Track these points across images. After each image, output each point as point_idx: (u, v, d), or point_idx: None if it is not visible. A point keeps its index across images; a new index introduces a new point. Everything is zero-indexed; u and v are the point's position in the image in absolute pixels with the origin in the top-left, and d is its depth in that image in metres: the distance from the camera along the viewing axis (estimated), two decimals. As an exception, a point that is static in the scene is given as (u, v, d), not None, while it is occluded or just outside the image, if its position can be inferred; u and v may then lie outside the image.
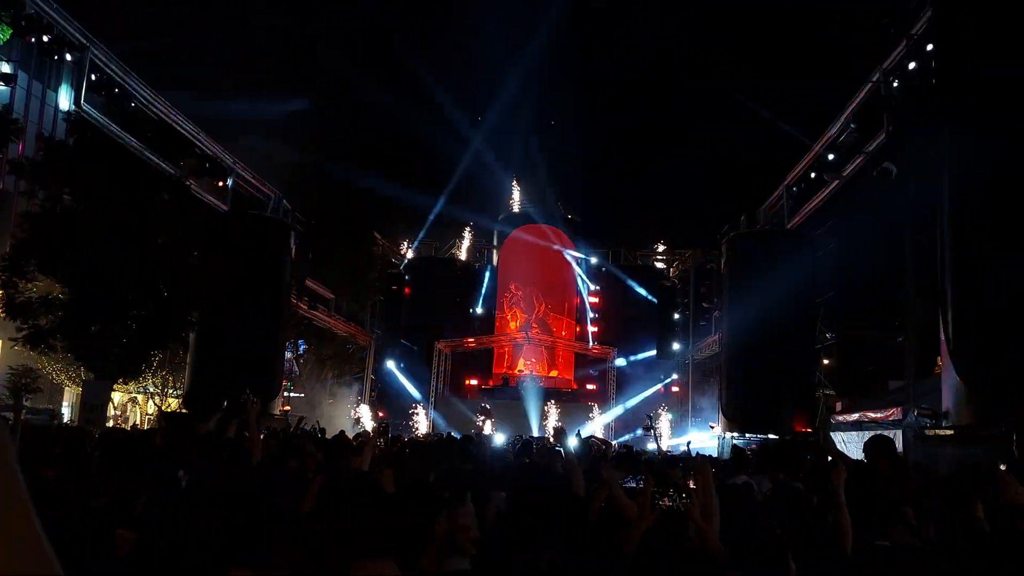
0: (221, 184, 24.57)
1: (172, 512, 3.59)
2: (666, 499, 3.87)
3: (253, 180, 26.31)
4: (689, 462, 9.68)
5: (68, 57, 18.49)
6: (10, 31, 17.51)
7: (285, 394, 26.92)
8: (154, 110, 21.13)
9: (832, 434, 20.79)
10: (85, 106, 18.80)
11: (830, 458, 7.58)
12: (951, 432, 12.77)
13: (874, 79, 18.39)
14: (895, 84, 17.45)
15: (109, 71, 19.51)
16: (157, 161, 20.94)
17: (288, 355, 28.52)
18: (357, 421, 29.02)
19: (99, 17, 19.95)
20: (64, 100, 18.91)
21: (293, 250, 24.73)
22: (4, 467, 0.66)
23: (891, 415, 16.75)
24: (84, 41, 18.68)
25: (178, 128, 21.93)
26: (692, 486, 4.21)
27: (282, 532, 3.23)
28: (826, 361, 25.35)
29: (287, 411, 25.15)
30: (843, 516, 3.82)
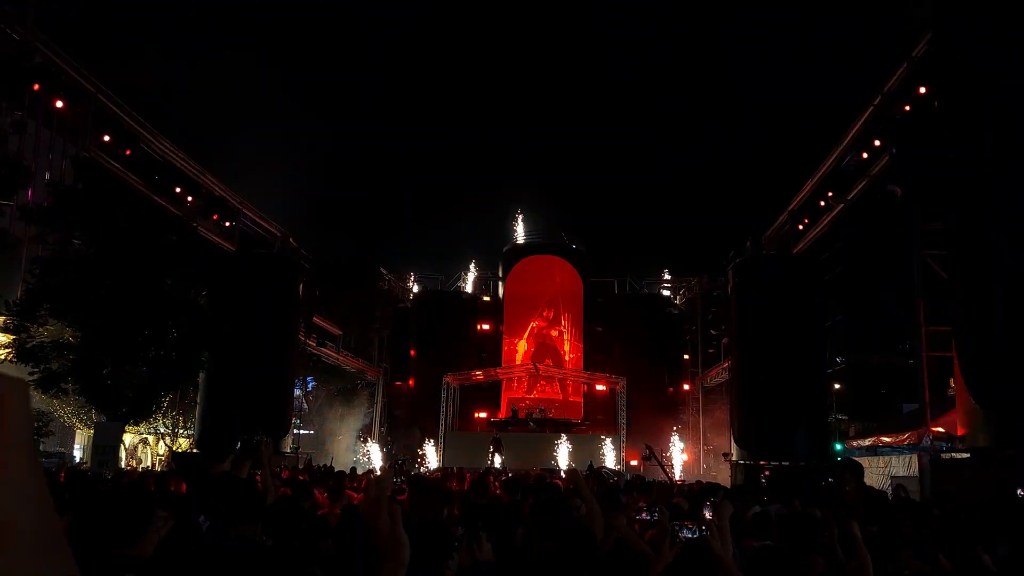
0: (228, 224, 24.71)
1: (191, 557, 3.57)
2: (685, 531, 3.83)
3: (259, 219, 26.46)
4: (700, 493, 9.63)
5: (75, 103, 18.72)
6: None
7: (295, 432, 26.84)
8: (160, 153, 21.34)
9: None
10: (93, 150, 19.00)
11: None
12: (968, 455, 12.66)
13: (876, 102, 18.49)
14: (897, 107, 17.53)
15: (116, 115, 19.74)
16: (164, 204, 21.12)
17: (297, 392, 28.48)
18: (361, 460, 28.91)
19: (106, 63, 20.19)
20: (71, 146, 19.11)
21: (300, 288, 24.83)
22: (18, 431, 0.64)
23: (906, 439, 16.63)
24: (90, 87, 18.91)
25: (184, 170, 22.11)
26: (708, 517, 4.18)
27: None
28: (837, 386, 25.22)
29: (297, 449, 25.06)
30: (861, 551, 3.80)
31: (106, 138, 19.36)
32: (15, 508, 0.62)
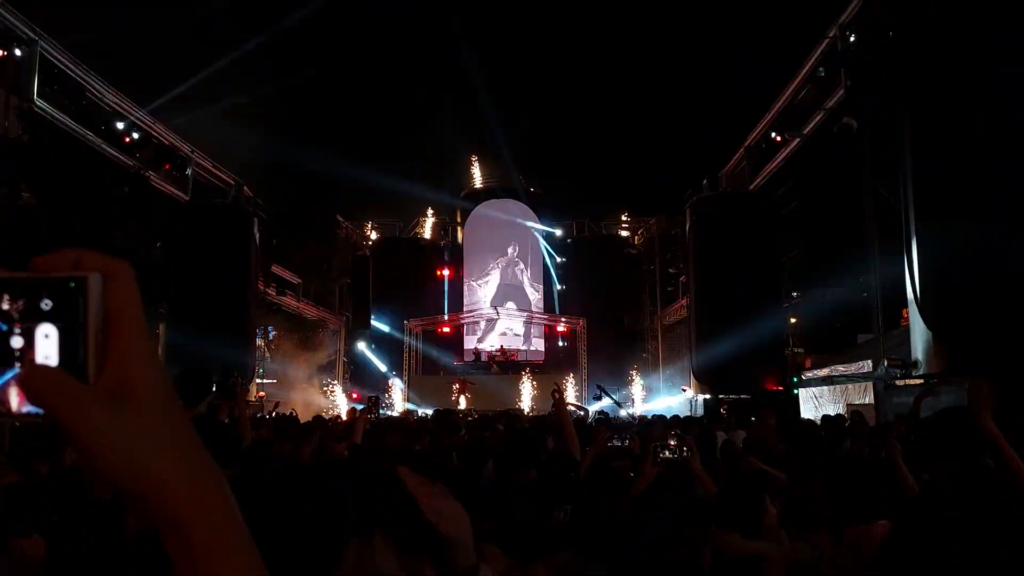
0: (180, 174, 24.20)
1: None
2: (667, 451, 3.98)
3: (213, 169, 25.96)
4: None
5: (17, 52, 18.02)
6: None
7: (258, 380, 26.78)
8: (108, 102, 20.71)
9: (804, 390, 21.22)
10: (38, 101, 18.37)
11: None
12: (921, 381, 13.09)
13: (831, 35, 18.54)
14: (852, 39, 17.57)
15: (60, 64, 19.06)
16: (114, 154, 20.59)
17: (259, 341, 28.34)
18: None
19: (47, 11, 19.39)
20: (15, 97, 18.46)
21: (257, 237, 24.59)
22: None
23: (861, 368, 17.13)
24: (32, 35, 18.22)
25: (133, 119, 21.53)
26: (672, 443, 4.32)
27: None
28: (793, 320, 25.79)
29: (262, 396, 25.03)
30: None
31: (52, 87, 18.71)
32: (152, 369, 0.68)
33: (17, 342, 0.65)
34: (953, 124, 12.30)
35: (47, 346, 0.65)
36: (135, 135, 21.53)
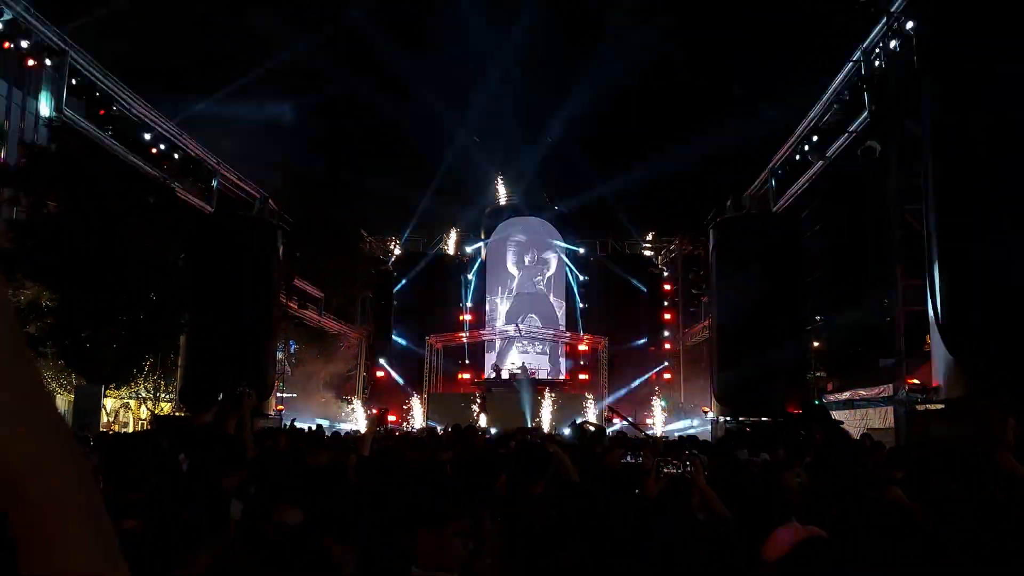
0: (206, 186, 24.49)
1: (176, 496, 3.62)
2: (671, 467, 3.95)
3: (238, 181, 26.24)
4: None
5: (48, 62, 18.37)
6: None
7: (278, 394, 26.89)
8: (136, 113, 21.04)
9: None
10: (67, 111, 18.69)
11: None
12: (942, 407, 12.90)
13: (855, 59, 18.47)
14: (876, 63, 17.50)
15: (90, 75, 19.40)
16: (141, 164, 20.89)
17: (280, 355, 28.49)
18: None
19: (78, 22, 19.77)
20: (45, 106, 18.81)
21: (280, 250, 24.72)
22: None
23: (881, 392, 16.90)
24: (63, 46, 18.57)
25: (161, 131, 21.84)
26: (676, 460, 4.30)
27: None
28: (815, 343, 25.52)
29: (281, 411, 25.13)
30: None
31: (81, 98, 19.05)
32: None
33: None
34: (977, 150, 12.18)
35: None
36: (162, 146, 21.84)
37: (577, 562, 3.70)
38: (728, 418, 23.15)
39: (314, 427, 16.60)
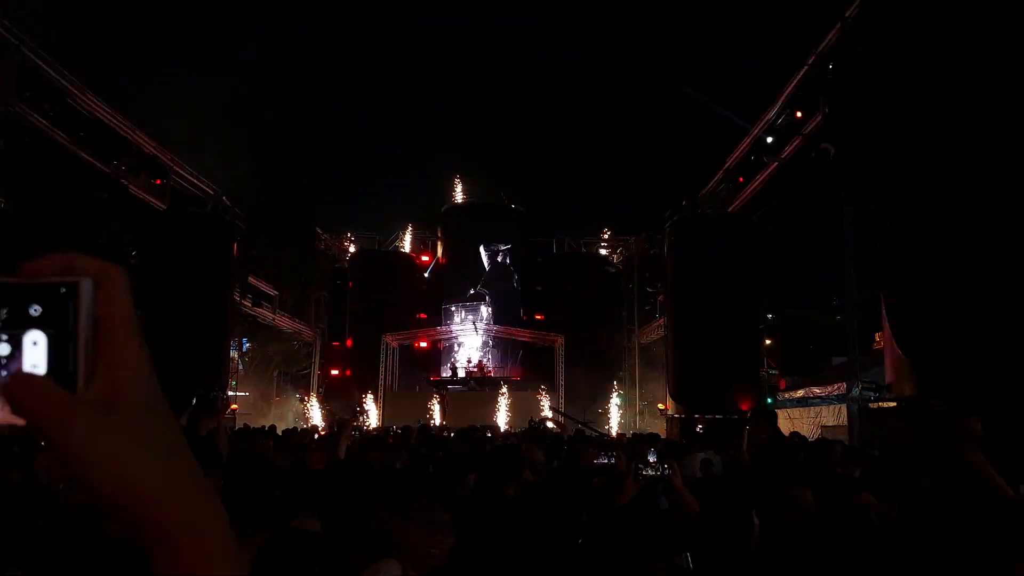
0: (159, 182, 24.03)
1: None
2: (649, 469, 4.00)
3: (191, 178, 25.81)
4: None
5: (-4, 55, 17.85)
6: None
7: (231, 393, 26.52)
8: (88, 108, 20.56)
9: (779, 411, 21.34)
10: (16, 106, 18.20)
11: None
12: (894, 404, 13.21)
13: (810, 62, 18.80)
14: (831, 67, 17.84)
15: (40, 69, 18.90)
16: (92, 160, 20.43)
17: (233, 353, 28.09)
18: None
19: (27, 14, 19.20)
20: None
21: (235, 247, 24.42)
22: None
23: (835, 390, 17.25)
24: (12, 39, 18.07)
25: (113, 126, 21.37)
26: (653, 460, 4.36)
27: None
28: (768, 341, 25.97)
29: (235, 410, 24.79)
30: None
31: (31, 92, 18.52)
32: (143, 378, 0.66)
33: (3, 349, 0.62)
34: (927, 152, 12.47)
35: (35, 354, 0.62)
36: (115, 141, 21.36)
37: (555, 561, 3.73)
38: (683, 416, 23.44)
39: (267, 427, 16.42)
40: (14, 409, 0.61)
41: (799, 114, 20.30)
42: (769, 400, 22.81)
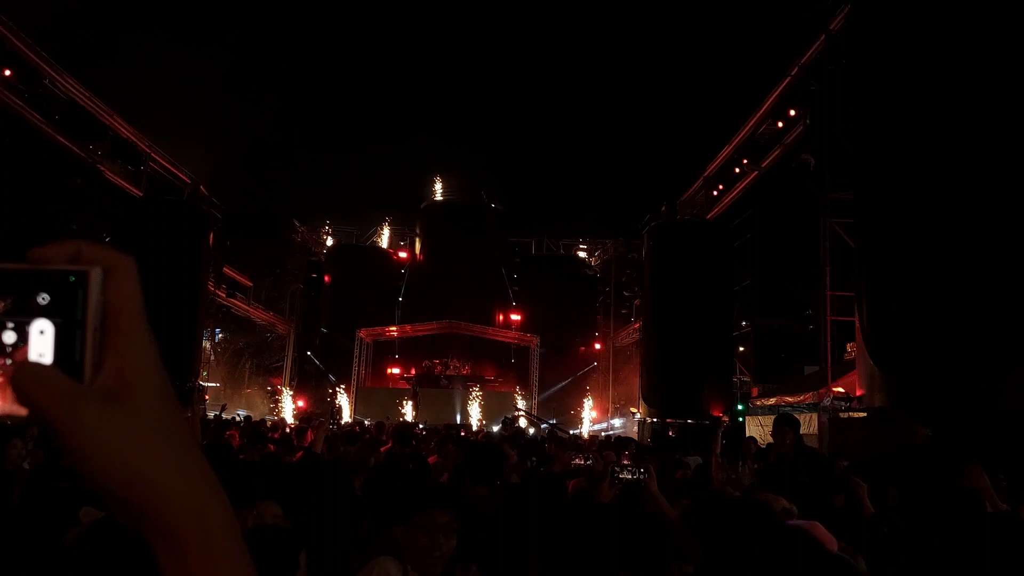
0: (135, 169, 23.74)
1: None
2: (625, 473, 4.00)
3: (169, 166, 25.53)
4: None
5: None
6: None
7: (203, 383, 26.28)
8: (64, 91, 20.27)
9: (750, 418, 21.51)
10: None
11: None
12: (864, 414, 13.32)
13: (792, 73, 18.95)
14: (813, 78, 18.00)
15: (15, 48, 18.61)
16: (67, 144, 20.14)
17: (205, 343, 27.85)
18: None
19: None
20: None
21: (210, 237, 24.18)
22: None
23: (806, 399, 17.39)
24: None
25: (90, 110, 21.08)
26: (628, 463, 4.37)
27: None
28: (741, 348, 26.15)
29: (206, 399, 24.58)
30: None
31: (7, 72, 18.22)
32: (152, 369, 0.64)
33: (9, 337, 0.61)
34: (905, 164, 12.60)
35: (42, 343, 0.61)
36: (92, 126, 21.07)
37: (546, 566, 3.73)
38: (655, 419, 23.54)
39: (239, 417, 16.36)
40: (18, 398, 0.60)
41: (780, 124, 20.45)
42: (740, 406, 22.97)
